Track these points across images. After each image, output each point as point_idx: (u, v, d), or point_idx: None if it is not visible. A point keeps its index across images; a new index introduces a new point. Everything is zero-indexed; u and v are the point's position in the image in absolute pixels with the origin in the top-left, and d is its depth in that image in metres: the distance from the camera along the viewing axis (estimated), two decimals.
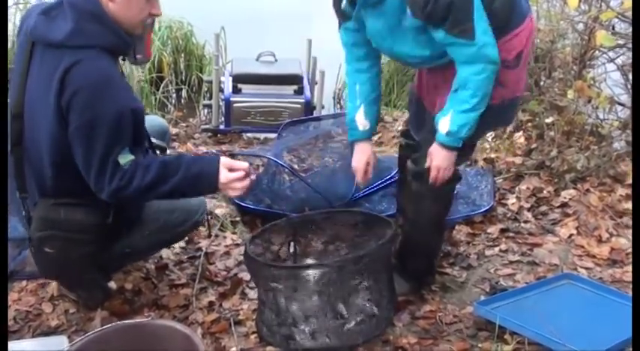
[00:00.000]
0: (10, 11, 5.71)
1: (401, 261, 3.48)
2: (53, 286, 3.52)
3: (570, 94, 4.67)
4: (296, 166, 4.48)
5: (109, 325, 2.89)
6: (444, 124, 2.96)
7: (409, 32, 2.93)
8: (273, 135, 5.23)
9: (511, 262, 3.76)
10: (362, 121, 3.31)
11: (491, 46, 2.85)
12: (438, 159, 3.05)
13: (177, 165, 2.85)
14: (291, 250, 3.34)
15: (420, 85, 3.37)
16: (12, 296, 3.49)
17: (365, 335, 2.96)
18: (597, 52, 4.98)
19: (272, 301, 2.97)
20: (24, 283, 3.57)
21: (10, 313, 3.35)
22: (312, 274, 2.87)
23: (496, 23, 2.88)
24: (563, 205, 4.27)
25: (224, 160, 2.92)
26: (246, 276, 3.59)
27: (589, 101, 4.81)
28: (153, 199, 3.03)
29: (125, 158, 2.78)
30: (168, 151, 3.46)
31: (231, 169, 2.89)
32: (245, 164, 2.95)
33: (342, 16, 3.10)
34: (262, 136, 5.63)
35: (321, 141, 4.66)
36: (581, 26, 4.99)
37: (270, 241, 3.31)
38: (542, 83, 5.12)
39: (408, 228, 3.44)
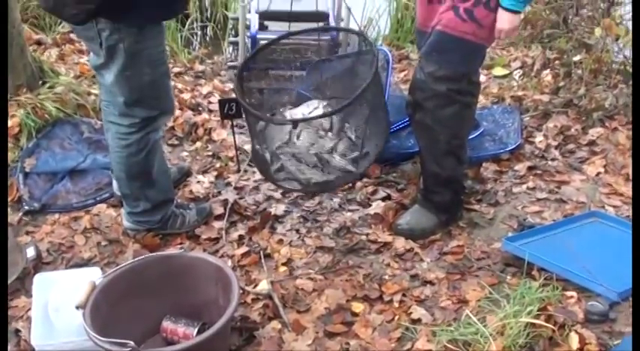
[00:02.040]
0: None
1: (426, 195, 3.55)
2: (86, 220, 3.58)
3: (598, 32, 4.63)
4: None
5: (142, 256, 2.93)
6: None
7: None
8: (298, 72, 5.21)
9: (539, 200, 3.76)
10: None
11: None
12: (501, 22, 3.13)
13: None
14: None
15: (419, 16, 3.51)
16: (45, 229, 3.55)
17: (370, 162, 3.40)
18: None
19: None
20: (56, 216, 3.64)
21: (44, 246, 3.42)
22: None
23: None
24: (591, 143, 4.25)
25: None
26: (275, 210, 3.65)
27: (617, 39, 4.76)
28: None
29: None
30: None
31: None
32: None
33: None
34: (288, 73, 5.60)
35: (347, 78, 4.64)
36: None
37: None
38: (570, 21, 5.07)
39: (425, 161, 3.51)
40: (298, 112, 3.50)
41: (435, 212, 3.50)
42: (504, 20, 3.11)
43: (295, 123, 3.18)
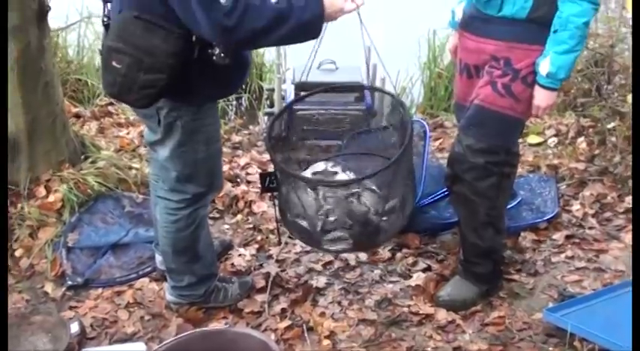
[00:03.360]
0: None
1: (466, 266, 3.56)
2: (129, 294, 3.62)
3: (631, 99, 4.66)
4: None
5: (187, 332, 2.97)
6: (544, 66, 3.09)
7: None
8: (334, 142, 5.27)
9: (577, 269, 3.77)
10: (459, 12, 3.48)
11: None
12: (538, 99, 3.18)
13: (289, 12, 2.72)
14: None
15: (458, 91, 3.59)
16: (88, 304, 3.59)
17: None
18: None
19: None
20: (99, 290, 3.68)
21: (87, 321, 3.45)
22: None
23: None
24: (628, 210, 4.25)
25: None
26: (316, 283, 3.67)
27: None
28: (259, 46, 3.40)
29: None
30: None
31: None
32: None
33: None
34: (324, 143, 5.66)
35: (382, 149, 4.70)
36: None
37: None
38: (603, 89, 5.11)
39: (464, 232, 3.53)
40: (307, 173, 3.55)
41: (475, 283, 3.52)
42: (541, 98, 3.16)
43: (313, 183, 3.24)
